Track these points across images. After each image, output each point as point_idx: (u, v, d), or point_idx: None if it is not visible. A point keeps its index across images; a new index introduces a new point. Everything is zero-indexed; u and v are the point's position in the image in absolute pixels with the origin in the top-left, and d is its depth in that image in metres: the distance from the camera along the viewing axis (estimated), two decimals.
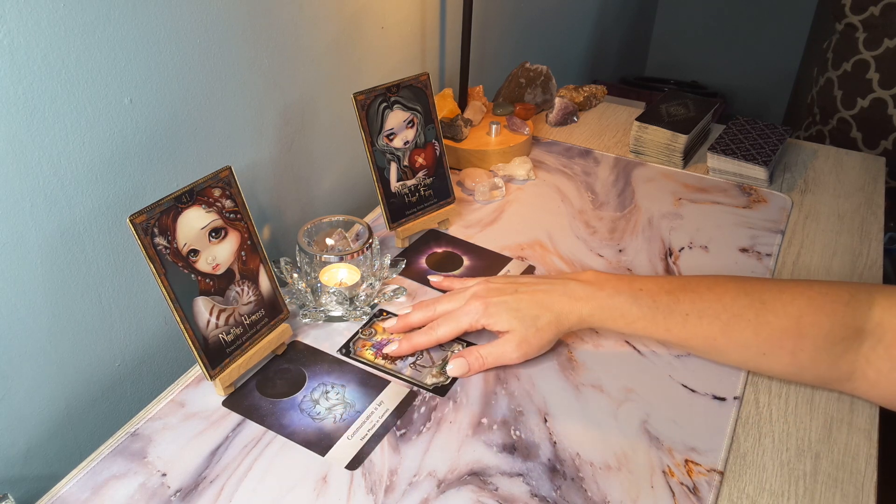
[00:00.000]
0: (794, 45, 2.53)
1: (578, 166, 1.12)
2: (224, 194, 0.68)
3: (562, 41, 1.91)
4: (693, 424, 0.67)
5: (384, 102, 0.86)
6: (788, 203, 1.03)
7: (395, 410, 0.68)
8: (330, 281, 0.78)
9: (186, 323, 0.65)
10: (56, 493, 0.59)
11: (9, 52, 0.57)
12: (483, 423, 0.67)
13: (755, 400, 0.71)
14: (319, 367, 0.73)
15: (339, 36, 0.95)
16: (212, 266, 0.67)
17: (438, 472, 0.62)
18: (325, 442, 0.64)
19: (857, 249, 0.94)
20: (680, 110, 1.17)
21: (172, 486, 0.60)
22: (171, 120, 0.73)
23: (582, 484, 0.61)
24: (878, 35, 1.60)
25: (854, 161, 1.16)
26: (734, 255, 0.92)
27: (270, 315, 0.72)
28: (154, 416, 0.67)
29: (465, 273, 0.87)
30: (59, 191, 0.64)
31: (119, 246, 0.71)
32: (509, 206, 1.02)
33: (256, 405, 0.68)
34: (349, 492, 0.60)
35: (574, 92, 1.31)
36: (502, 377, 0.72)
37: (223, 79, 0.78)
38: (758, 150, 1.09)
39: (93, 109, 0.65)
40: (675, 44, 2.89)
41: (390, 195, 0.89)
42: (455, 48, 1.27)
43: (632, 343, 0.77)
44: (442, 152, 0.93)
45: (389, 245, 0.93)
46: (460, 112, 1.13)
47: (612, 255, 0.91)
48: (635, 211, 1.01)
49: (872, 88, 1.61)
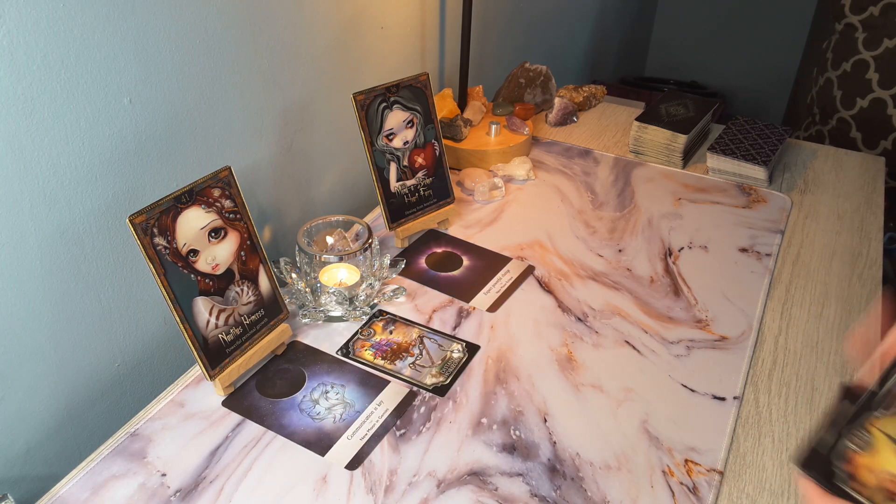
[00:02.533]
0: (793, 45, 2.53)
1: (578, 166, 1.12)
2: (224, 194, 0.68)
3: (562, 41, 1.91)
4: (693, 424, 0.67)
5: (384, 102, 0.86)
6: (788, 203, 1.03)
7: (395, 410, 0.68)
8: (330, 281, 0.78)
9: (186, 323, 0.65)
10: (56, 493, 0.59)
11: (9, 51, 0.57)
12: (483, 423, 0.67)
13: (755, 400, 0.71)
14: (319, 367, 0.73)
15: (338, 36, 0.95)
16: (211, 266, 0.67)
17: (438, 472, 0.62)
18: (325, 442, 0.64)
19: (856, 249, 0.94)
20: (679, 110, 1.17)
21: (172, 486, 0.60)
22: (170, 120, 0.73)
23: (582, 484, 0.61)
24: (877, 35, 1.60)
25: (854, 161, 1.16)
26: (734, 255, 0.92)
27: (270, 315, 0.72)
28: (154, 417, 0.67)
29: (465, 273, 0.87)
30: (58, 191, 0.64)
31: (119, 246, 0.71)
32: (509, 206, 1.02)
33: (256, 405, 0.68)
34: (349, 492, 0.60)
35: (574, 92, 1.31)
36: (502, 377, 0.72)
37: (223, 79, 0.78)
38: (757, 150, 1.09)
39: (92, 109, 0.65)
40: (674, 44, 2.89)
41: (390, 195, 0.89)
42: (455, 48, 1.27)
43: (631, 343, 0.77)
44: (441, 152, 0.93)
45: (389, 245, 0.93)
46: (460, 112, 1.13)
47: (611, 255, 0.91)
48: (635, 211, 1.01)
49: (872, 88, 1.61)
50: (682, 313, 0.82)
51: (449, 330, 0.78)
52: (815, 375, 0.74)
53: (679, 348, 0.76)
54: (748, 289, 0.86)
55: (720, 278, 0.87)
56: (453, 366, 0.73)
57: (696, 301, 0.84)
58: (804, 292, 0.87)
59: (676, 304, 0.83)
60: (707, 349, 0.76)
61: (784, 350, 0.77)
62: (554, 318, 0.80)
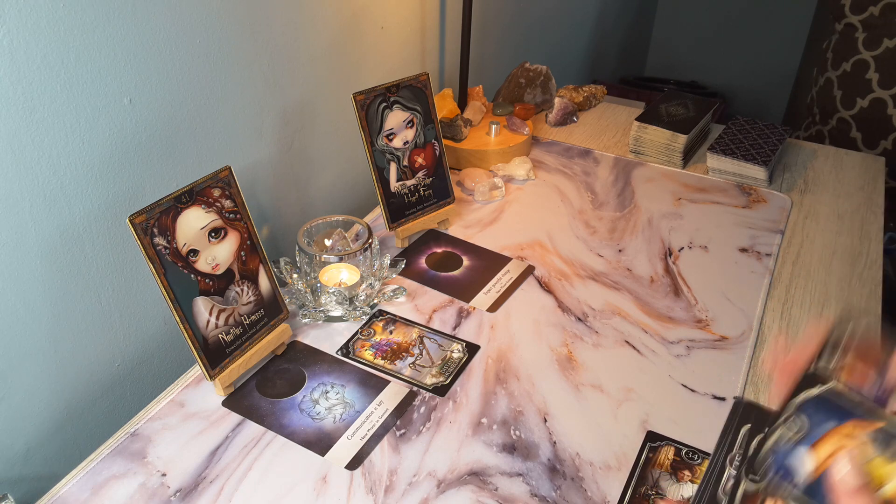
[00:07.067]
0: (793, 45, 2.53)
1: (578, 166, 1.12)
2: (224, 194, 0.68)
3: (562, 41, 1.91)
4: (693, 424, 0.67)
5: (384, 102, 0.86)
6: (788, 203, 1.03)
7: (395, 410, 0.68)
8: (330, 281, 0.78)
9: (186, 323, 0.65)
10: (56, 493, 0.59)
11: (9, 52, 0.57)
12: (483, 423, 0.67)
13: (755, 400, 0.71)
14: (319, 367, 0.73)
15: (338, 36, 0.95)
16: (211, 266, 0.67)
17: (438, 472, 0.62)
18: (325, 442, 0.64)
19: (856, 249, 0.94)
20: (679, 110, 1.17)
21: (172, 486, 0.60)
22: (170, 120, 0.73)
23: (582, 484, 0.61)
24: (877, 35, 1.60)
25: (854, 161, 1.16)
26: (734, 255, 0.92)
27: (270, 315, 0.72)
28: (154, 416, 0.67)
29: (465, 273, 0.87)
30: (58, 191, 0.64)
31: (119, 246, 0.71)
32: (509, 206, 1.02)
33: (256, 405, 0.68)
34: (349, 492, 0.60)
35: (574, 92, 1.31)
36: (502, 377, 0.72)
37: (223, 79, 0.78)
38: (757, 150, 1.09)
39: (92, 109, 0.65)
40: (674, 44, 2.89)
41: (390, 195, 0.89)
42: (455, 48, 1.27)
43: (631, 343, 0.77)
44: (441, 152, 0.93)
45: (389, 245, 0.93)
46: (460, 112, 1.13)
47: (611, 255, 0.91)
48: (635, 211, 1.01)
49: (872, 88, 1.61)
50: (682, 313, 0.82)
51: (449, 330, 0.78)
52: None
53: (679, 348, 0.76)
54: (748, 289, 0.86)
55: (720, 278, 0.87)
56: (453, 366, 0.73)
57: (696, 301, 0.84)
58: (804, 292, 0.87)
59: (676, 304, 0.83)
60: (707, 349, 0.76)
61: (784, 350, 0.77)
62: (554, 318, 0.80)
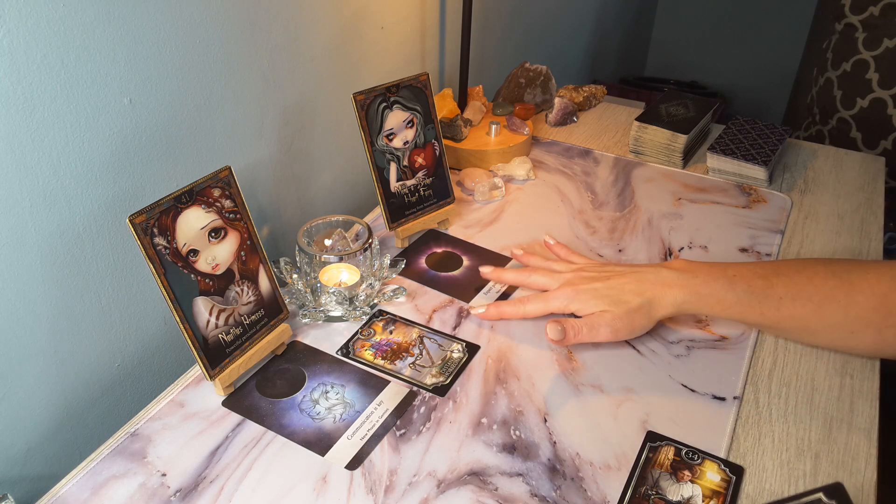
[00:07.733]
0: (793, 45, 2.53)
1: (578, 166, 1.12)
2: (224, 194, 0.68)
3: (562, 41, 1.91)
4: (693, 424, 0.67)
5: (384, 102, 0.86)
6: (788, 203, 1.03)
7: (395, 410, 0.68)
8: (329, 281, 0.78)
9: (186, 323, 0.65)
10: (56, 493, 0.59)
11: (8, 52, 0.57)
12: (483, 423, 0.67)
13: (755, 400, 0.71)
14: (319, 367, 0.73)
15: (338, 36, 0.95)
16: (211, 266, 0.67)
17: (438, 472, 0.62)
18: (325, 442, 0.65)
19: (856, 249, 0.94)
20: (679, 110, 1.17)
21: (172, 486, 0.60)
22: (170, 120, 0.73)
23: (582, 484, 0.61)
24: (877, 35, 1.60)
25: (854, 161, 1.16)
26: (734, 255, 0.92)
27: (270, 315, 0.72)
28: (154, 416, 0.67)
29: (465, 273, 0.87)
30: (58, 191, 0.64)
31: (119, 246, 0.71)
32: (509, 206, 1.02)
33: (256, 405, 0.68)
34: (349, 492, 0.60)
35: (574, 92, 1.31)
36: (502, 377, 0.72)
37: (223, 79, 0.78)
38: (757, 150, 1.09)
39: (92, 109, 0.65)
40: (674, 44, 2.89)
41: (390, 195, 0.89)
42: (455, 48, 1.27)
43: (631, 343, 0.77)
44: (441, 152, 0.93)
45: (389, 245, 0.93)
46: (460, 112, 1.13)
47: (611, 255, 0.91)
48: (635, 211, 1.01)
49: (872, 88, 1.61)
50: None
51: (449, 330, 0.78)
52: (815, 375, 0.74)
53: (679, 348, 0.76)
54: None
55: None
56: (453, 366, 0.73)
57: None
58: None
59: None
60: (707, 349, 0.76)
61: (784, 350, 0.77)
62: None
